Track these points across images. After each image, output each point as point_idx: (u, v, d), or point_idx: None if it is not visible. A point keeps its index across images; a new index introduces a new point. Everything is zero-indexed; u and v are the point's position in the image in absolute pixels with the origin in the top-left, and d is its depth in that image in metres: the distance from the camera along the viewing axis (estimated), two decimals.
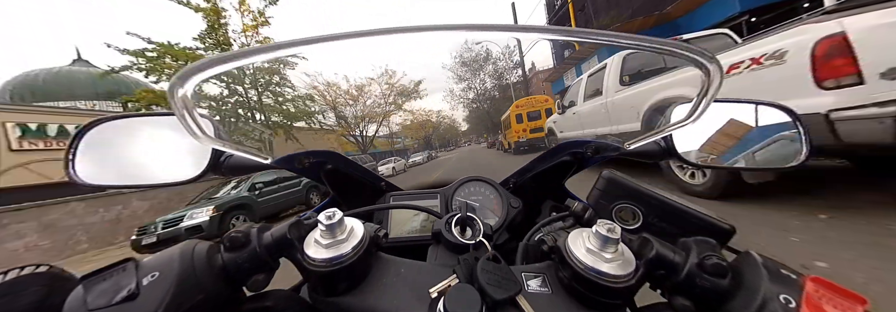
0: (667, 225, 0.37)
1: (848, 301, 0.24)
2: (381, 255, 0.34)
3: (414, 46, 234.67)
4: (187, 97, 0.26)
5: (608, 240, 0.29)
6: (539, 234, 0.43)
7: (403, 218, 0.65)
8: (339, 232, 0.30)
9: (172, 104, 0.26)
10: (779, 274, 0.27)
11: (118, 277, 0.26)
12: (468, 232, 0.38)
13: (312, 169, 0.59)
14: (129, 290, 0.24)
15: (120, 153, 0.52)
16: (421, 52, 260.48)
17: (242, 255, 0.30)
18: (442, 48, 40.78)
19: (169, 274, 0.26)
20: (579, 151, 0.59)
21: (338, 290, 0.30)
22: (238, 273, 0.29)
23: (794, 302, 0.24)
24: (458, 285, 0.29)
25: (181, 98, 0.26)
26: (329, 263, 0.29)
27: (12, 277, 0.26)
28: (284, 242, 0.31)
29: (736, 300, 0.26)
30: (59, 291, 0.26)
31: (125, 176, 0.51)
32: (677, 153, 0.53)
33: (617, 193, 0.40)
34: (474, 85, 40.39)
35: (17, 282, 0.25)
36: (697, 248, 0.30)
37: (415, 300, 0.30)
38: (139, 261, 0.28)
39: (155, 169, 0.51)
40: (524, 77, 29.83)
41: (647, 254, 0.30)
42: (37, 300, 0.25)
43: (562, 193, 0.64)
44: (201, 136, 0.30)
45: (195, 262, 0.28)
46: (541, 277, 0.32)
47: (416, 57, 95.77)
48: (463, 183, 0.70)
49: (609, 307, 0.30)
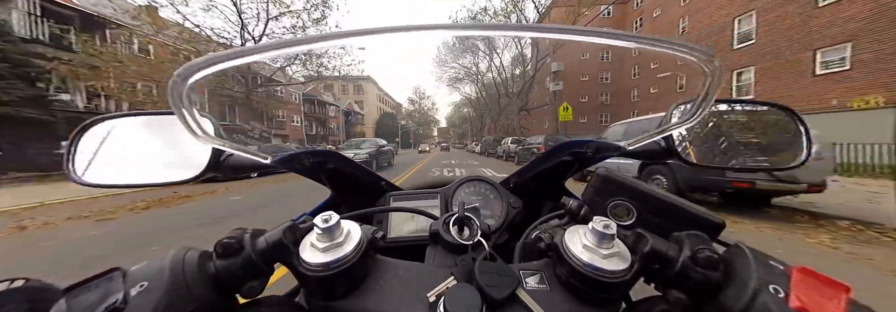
0: (660, 220, 0.38)
1: (833, 289, 0.25)
2: (378, 258, 0.34)
3: (414, 44, 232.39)
4: (187, 96, 0.26)
5: (604, 236, 0.30)
6: (536, 232, 0.43)
7: (403, 218, 0.65)
8: (336, 236, 0.30)
9: (172, 103, 0.26)
10: (767, 265, 0.28)
11: (104, 288, 0.25)
12: (466, 231, 0.38)
13: (312, 169, 0.59)
14: (115, 302, 0.23)
15: (119, 152, 0.52)
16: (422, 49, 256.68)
17: (236, 262, 0.29)
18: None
19: (158, 284, 0.25)
20: (580, 151, 0.59)
21: (335, 294, 0.30)
22: (231, 281, 0.28)
23: (782, 292, 0.25)
24: (457, 285, 0.29)
25: (181, 97, 0.25)
26: (326, 267, 0.28)
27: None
28: (279, 247, 0.30)
29: (728, 291, 0.27)
30: (41, 305, 0.24)
31: (124, 176, 0.50)
32: (678, 153, 0.53)
33: (611, 190, 0.41)
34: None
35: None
36: (690, 242, 0.30)
37: (414, 302, 0.29)
38: (126, 270, 0.27)
39: (154, 168, 0.51)
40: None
41: (641, 249, 0.30)
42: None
43: (562, 193, 0.64)
44: (201, 135, 0.30)
45: (186, 271, 0.27)
46: (539, 274, 0.33)
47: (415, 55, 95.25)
48: (463, 183, 0.70)
49: (606, 301, 0.30)
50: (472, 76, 41.93)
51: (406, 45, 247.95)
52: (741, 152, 0.58)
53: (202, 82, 6.39)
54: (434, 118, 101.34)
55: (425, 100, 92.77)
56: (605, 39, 0.27)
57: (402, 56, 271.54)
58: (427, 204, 0.67)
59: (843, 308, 0.24)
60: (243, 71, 18.04)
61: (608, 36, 0.26)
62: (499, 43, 34.58)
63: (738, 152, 0.58)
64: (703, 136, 0.57)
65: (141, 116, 0.57)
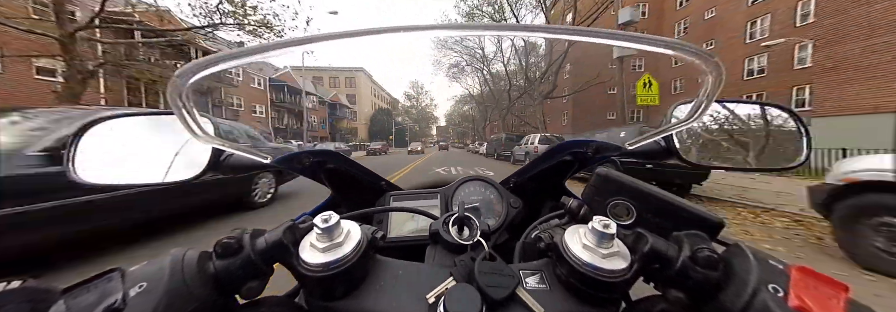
0: (660, 219, 0.38)
1: (832, 289, 0.25)
2: (378, 258, 0.34)
3: (413, 44, 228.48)
4: (187, 96, 0.26)
5: (604, 236, 0.30)
6: (536, 232, 0.43)
7: (403, 218, 0.65)
8: (336, 236, 0.30)
9: (172, 103, 0.26)
10: (767, 265, 0.28)
11: (102, 288, 0.24)
12: (466, 231, 0.38)
13: (312, 169, 0.59)
14: (115, 302, 0.23)
15: (119, 152, 0.52)
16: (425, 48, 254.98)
17: (235, 262, 0.29)
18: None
19: (157, 285, 0.25)
20: (580, 151, 0.59)
21: (335, 295, 0.30)
22: (231, 281, 0.28)
23: (781, 291, 0.25)
24: (457, 285, 0.29)
25: (181, 97, 0.25)
26: (326, 267, 0.28)
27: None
28: (279, 247, 0.30)
29: (727, 290, 0.27)
30: (40, 306, 0.24)
31: (124, 176, 0.50)
32: (678, 153, 0.53)
33: (611, 189, 0.41)
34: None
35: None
36: (689, 242, 0.30)
37: (413, 302, 0.29)
38: (125, 271, 0.27)
39: (154, 168, 0.51)
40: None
41: (641, 249, 0.30)
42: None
43: (562, 192, 0.64)
44: (201, 135, 0.30)
45: (185, 271, 0.27)
46: (538, 274, 0.33)
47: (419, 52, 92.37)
48: (463, 183, 0.70)
49: (606, 301, 0.30)
50: (477, 63, 34.99)
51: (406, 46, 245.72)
52: (741, 152, 0.58)
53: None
54: (433, 115, 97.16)
55: (423, 95, 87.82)
56: (605, 39, 0.27)
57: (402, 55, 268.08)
58: (427, 204, 0.67)
59: (842, 307, 0.24)
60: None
61: (608, 36, 0.26)
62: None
63: (737, 152, 0.58)
64: (703, 136, 0.57)
65: (141, 116, 0.57)
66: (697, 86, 0.31)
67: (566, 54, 19.99)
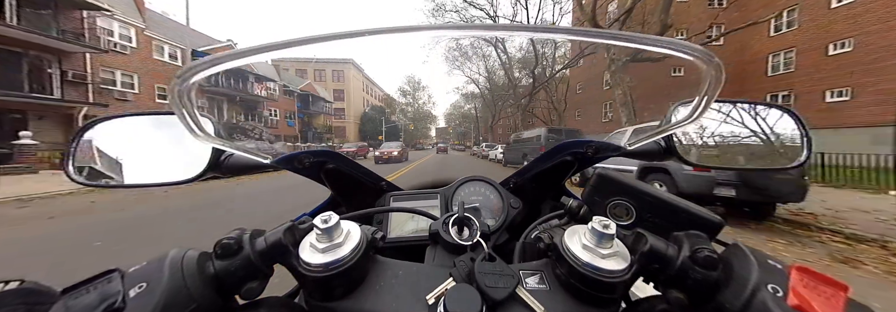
0: (659, 220, 0.38)
1: (831, 289, 0.25)
2: (378, 258, 0.34)
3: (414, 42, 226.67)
4: (188, 96, 0.26)
5: (603, 236, 0.30)
6: (536, 232, 0.43)
7: (403, 218, 0.65)
8: (336, 236, 0.30)
9: (172, 103, 0.26)
10: (766, 264, 0.28)
11: (102, 289, 0.24)
12: (466, 232, 0.38)
13: (312, 169, 0.59)
14: (114, 303, 0.23)
15: (119, 152, 0.52)
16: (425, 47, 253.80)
17: (235, 263, 0.28)
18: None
19: (157, 285, 0.25)
20: (580, 151, 0.59)
21: (335, 295, 0.30)
22: (231, 282, 0.28)
23: (781, 291, 0.25)
24: (457, 286, 0.29)
25: (181, 97, 0.25)
26: (325, 268, 0.28)
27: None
28: (279, 248, 0.30)
29: (727, 290, 0.27)
30: (39, 307, 0.24)
31: (124, 176, 0.50)
32: (678, 153, 0.53)
33: (610, 190, 0.41)
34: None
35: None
36: (689, 242, 0.30)
37: (413, 302, 0.29)
38: (125, 272, 0.27)
39: (154, 168, 0.51)
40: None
41: (641, 249, 0.30)
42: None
43: (562, 193, 0.64)
44: (201, 135, 0.30)
45: (185, 271, 0.27)
46: (538, 274, 0.33)
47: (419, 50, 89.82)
48: (463, 183, 0.70)
49: (605, 301, 0.30)
50: (479, 49, 28.91)
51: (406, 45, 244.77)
52: (741, 152, 0.58)
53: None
54: (431, 114, 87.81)
55: (420, 91, 76.62)
56: (605, 40, 0.27)
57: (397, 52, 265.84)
58: (427, 205, 0.67)
59: (841, 306, 0.24)
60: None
61: (609, 36, 0.26)
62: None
63: (737, 152, 0.58)
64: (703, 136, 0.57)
65: (141, 116, 0.57)
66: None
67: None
